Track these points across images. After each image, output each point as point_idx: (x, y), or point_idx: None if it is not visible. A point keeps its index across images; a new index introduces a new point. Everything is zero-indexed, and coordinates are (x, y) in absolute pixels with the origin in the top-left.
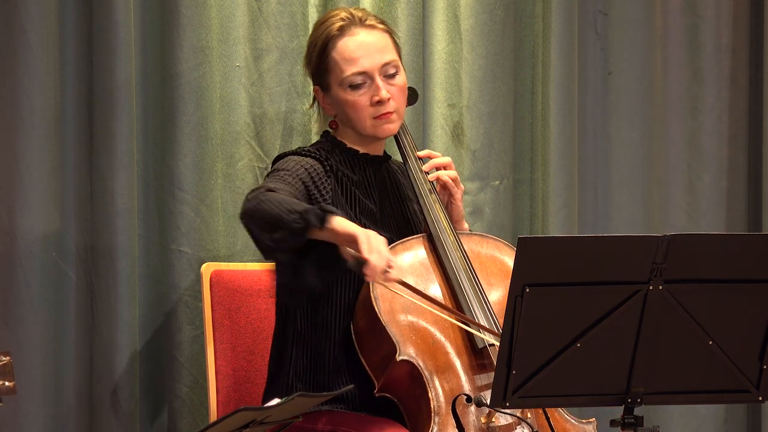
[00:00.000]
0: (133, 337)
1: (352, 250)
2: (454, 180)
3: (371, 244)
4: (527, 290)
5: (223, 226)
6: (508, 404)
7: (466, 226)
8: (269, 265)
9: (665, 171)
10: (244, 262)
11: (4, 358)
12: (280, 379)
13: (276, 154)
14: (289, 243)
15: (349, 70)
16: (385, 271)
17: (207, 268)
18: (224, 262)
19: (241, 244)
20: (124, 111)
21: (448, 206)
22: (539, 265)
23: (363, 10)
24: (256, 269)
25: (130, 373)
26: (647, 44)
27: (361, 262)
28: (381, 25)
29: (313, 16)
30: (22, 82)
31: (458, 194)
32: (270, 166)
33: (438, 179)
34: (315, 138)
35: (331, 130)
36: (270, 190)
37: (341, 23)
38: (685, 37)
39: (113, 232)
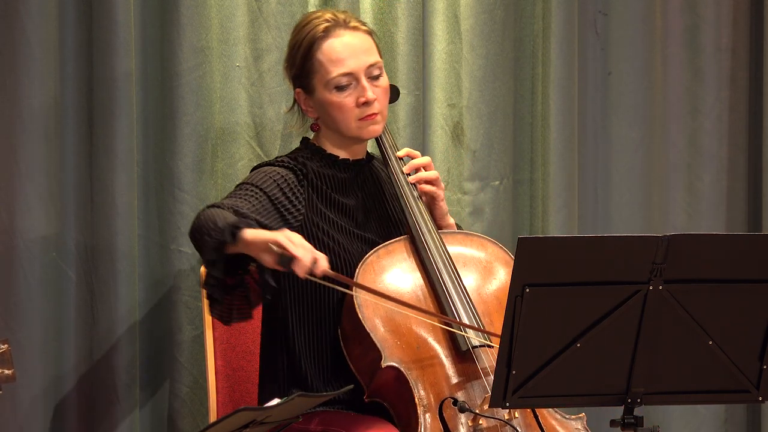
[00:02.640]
0: (133, 337)
1: (276, 249)
2: (434, 181)
3: (295, 241)
4: (527, 290)
5: None
6: (508, 404)
7: (451, 221)
8: None
9: (665, 171)
10: None
11: (2, 346)
12: (274, 384)
13: (276, 154)
14: (213, 257)
15: (336, 72)
16: (313, 264)
17: None
18: None
19: None
20: (124, 111)
21: (431, 206)
22: (539, 265)
23: (345, 12)
24: None
25: (130, 373)
26: (647, 44)
27: (290, 258)
28: (364, 27)
29: None
30: (22, 82)
31: (440, 194)
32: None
33: (417, 183)
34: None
35: (310, 138)
36: (215, 206)
37: (326, 24)
38: (685, 37)
39: (113, 232)
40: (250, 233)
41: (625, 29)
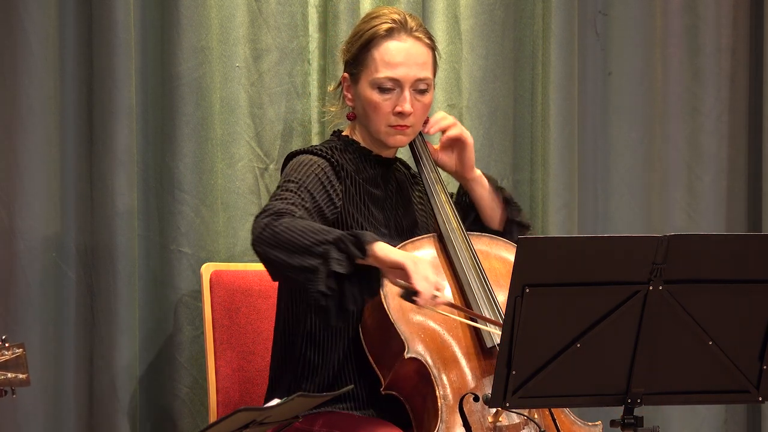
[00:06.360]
0: (133, 337)
1: (400, 281)
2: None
3: (419, 271)
4: (527, 290)
5: (223, 227)
6: (507, 404)
7: (478, 172)
8: None
9: (665, 171)
10: (245, 262)
11: (18, 350)
12: (286, 380)
13: (276, 154)
14: (344, 270)
15: (384, 73)
16: (435, 296)
17: (207, 269)
18: (224, 262)
19: (241, 245)
20: (124, 111)
21: (461, 153)
22: (539, 265)
23: (416, 19)
24: (256, 269)
25: (130, 373)
26: (647, 44)
27: (411, 291)
28: (428, 41)
29: (312, 17)
30: (22, 82)
31: (468, 139)
32: (269, 165)
33: (450, 137)
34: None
35: (343, 129)
36: (283, 213)
37: (391, 25)
38: (685, 37)
39: (113, 232)
40: (381, 249)
41: (625, 29)
